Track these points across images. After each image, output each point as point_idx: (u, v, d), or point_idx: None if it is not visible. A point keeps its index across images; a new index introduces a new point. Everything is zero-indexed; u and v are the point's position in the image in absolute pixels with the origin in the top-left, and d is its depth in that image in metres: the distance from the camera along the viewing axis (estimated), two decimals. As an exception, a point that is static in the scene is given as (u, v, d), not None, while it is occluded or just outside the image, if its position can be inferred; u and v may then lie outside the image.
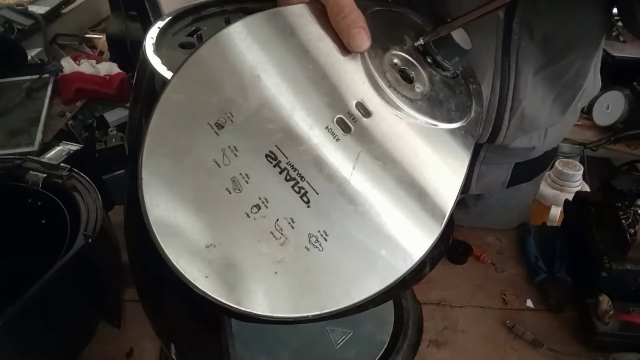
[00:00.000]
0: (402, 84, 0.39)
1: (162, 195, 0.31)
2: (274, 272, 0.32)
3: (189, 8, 0.52)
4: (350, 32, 0.37)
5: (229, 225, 0.32)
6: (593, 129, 1.61)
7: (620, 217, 0.69)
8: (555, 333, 0.67)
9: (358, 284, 0.34)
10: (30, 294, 0.49)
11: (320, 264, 0.33)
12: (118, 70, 1.37)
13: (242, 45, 0.35)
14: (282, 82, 0.35)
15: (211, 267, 0.31)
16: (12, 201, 0.66)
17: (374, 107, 0.37)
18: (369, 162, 0.36)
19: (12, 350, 0.51)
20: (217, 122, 0.33)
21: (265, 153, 0.34)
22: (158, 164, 0.32)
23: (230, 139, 0.33)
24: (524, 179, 0.81)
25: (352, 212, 0.35)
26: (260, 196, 0.33)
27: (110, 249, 0.63)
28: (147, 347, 0.64)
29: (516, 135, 0.69)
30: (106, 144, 1.17)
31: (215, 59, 0.35)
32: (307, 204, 0.34)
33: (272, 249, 0.32)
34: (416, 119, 0.38)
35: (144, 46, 0.44)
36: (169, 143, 0.32)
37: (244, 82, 0.34)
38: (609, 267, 0.66)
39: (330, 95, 0.36)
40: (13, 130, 1.17)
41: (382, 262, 0.35)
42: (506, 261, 0.79)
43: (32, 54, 1.52)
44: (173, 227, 0.31)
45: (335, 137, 0.35)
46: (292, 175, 0.34)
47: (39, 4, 1.71)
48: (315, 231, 0.34)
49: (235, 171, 0.33)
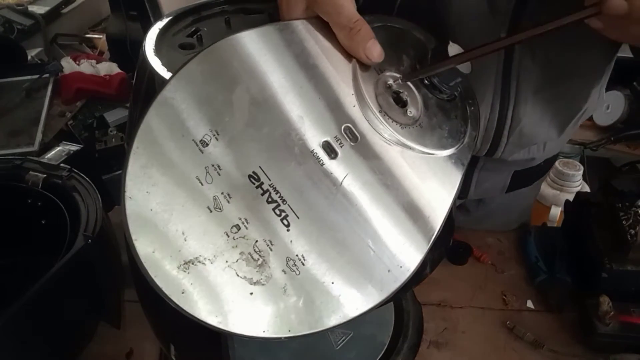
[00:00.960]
0: (394, 108, 0.38)
1: (144, 209, 0.32)
2: (250, 292, 0.33)
3: (189, 8, 0.52)
4: (367, 44, 0.37)
5: (208, 244, 0.32)
6: (593, 129, 1.61)
7: (620, 217, 0.69)
8: (555, 334, 0.67)
9: (330, 309, 0.34)
10: (30, 294, 0.49)
11: (296, 287, 0.33)
12: (118, 70, 1.36)
13: (234, 62, 0.35)
14: (271, 103, 0.35)
15: (188, 284, 0.31)
16: (12, 201, 0.66)
17: (361, 132, 0.37)
18: (353, 187, 0.36)
19: (12, 350, 0.51)
20: (202, 139, 0.33)
21: (249, 173, 0.34)
22: (141, 180, 0.32)
23: (214, 158, 0.33)
24: (524, 184, 0.81)
25: (332, 238, 0.35)
26: (241, 217, 0.33)
27: (110, 249, 0.63)
28: (146, 347, 0.63)
29: (514, 150, 0.69)
30: (106, 144, 1.17)
31: (204, 75, 0.34)
32: (287, 227, 0.34)
33: (250, 270, 0.33)
34: (405, 146, 0.38)
35: (143, 47, 0.44)
36: (153, 159, 0.32)
37: (232, 100, 0.34)
38: (610, 268, 0.65)
39: (319, 118, 0.36)
40: (13, 130, 1.17)
41: (356, 291, 0.35)
42: (506, 262, 0.79)
43: (32, 54, 1.52)
44: (153, 242, 0.31)
45: (320, 162, 0.35)
46: (274, 197, 0.34)
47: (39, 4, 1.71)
48: (294, 255, 0.34)
49: (217, 190, 0.33)
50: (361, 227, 0.36)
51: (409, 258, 0.36)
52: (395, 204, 0.37)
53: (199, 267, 0.32)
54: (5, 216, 0.66)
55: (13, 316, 0.48)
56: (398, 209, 0.37)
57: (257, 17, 0.53)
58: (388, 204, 0.36)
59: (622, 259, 0.66)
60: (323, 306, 0.34)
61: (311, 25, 0.38)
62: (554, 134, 0.70)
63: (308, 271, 0.34)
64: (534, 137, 0.68)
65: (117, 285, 0.66)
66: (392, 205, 0.36)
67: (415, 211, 0.37)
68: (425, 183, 0.38)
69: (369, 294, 0.35)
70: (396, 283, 0.36)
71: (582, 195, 0.78)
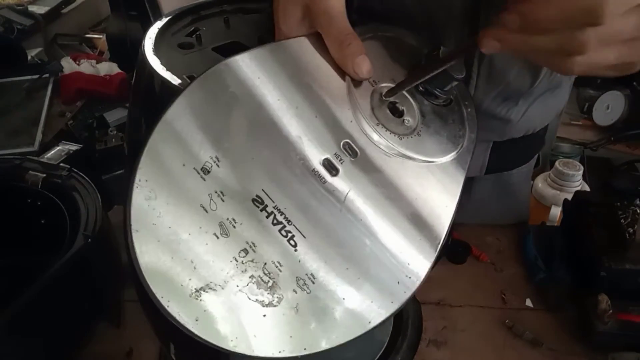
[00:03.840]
0: (391, 119, 0.38)
1: (151, 241, 0.32)
2: (263, 314, 0.33)
3: (188, 8, 0.52)
4: (355, 60, 0.37)
5: (217, 270, 0.33)
6: (593, 129, 1.61)
7: (619, 216, 0.69)
8: (554, 332, 0.67)
9: (344, 324, 0.34)
10: (29, 293, 0.49)
11: (308, 306, 0.34)
12: (118, 70, 1.37)
13: (229, 87, 0.35)
14: (269, 125, 0.35)
15: (201, 311, 0.32)
16: (11, 201, 0.66)
17: (360, 147, 0.37)
18: (357, 203, 0.36)
19: (12, 349, 0.51)
20: (204, 166, 0.33)
21: (252, 197, 0.34)
22: (146, 212, 0.32)
23: (217, 184, 0.33)
24: (505, 166, 0.79)
25: (340, 255, 0.35)
26: (248, 241, 0.33)
27: (109, 249, 0.63)
28: (146, 347, 0.64)
29: (488, 90, 0.66)
30: (106, 144, 1.17)
31: (201, 102, 0.34)
32: (295, 247, 0.34)
33: (261, 293, 0.33)
34: (404, 156, 0.38)
35: (143, 46, 0.45)
36: (156, 189, 0.32)
37: (230, 125, 0.34)
38: (608, 267, 0.66)
39: (318, 137, 0.36)
40: (13, 130, 1.17)
41: (367, 305, 0.35)
42: (505, 261, 0.79)
43: (32, 54, 1.52)
44: (163, 271, 0.32)
45: (322, 180, 0.35)
46: (279, 219, 0.34)
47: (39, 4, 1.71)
48: (303, 274, 0.34)
49: (223, 216, 0.33)
50: (368, 241, 0.36)
51: (418, 267, 0.36)
52: (400, 215, 0.37)
53: (211, 294, 0.32)
54: (4, 216, 0.66)
55: (13, 316, 0.48)
56: (403, 221, 0.37)
57: (256, 16, 0.54)
58: (393, 216, 0.36)
59: (620, 258, 0.66)
60: (337, 322, 0.34)
61: (303, 44, 0.38)
62: (526, 79, 0.67)
63: (319, 289, 0.34)
64: (505, 72, 0.65)
65: (116, 285, 0.66)
66: (397, 217, 0.37)
67: (420, 221, 0.37)
68: (427, 192, 0.38)
69: (381, 306, 0.35)
70: (407, 293, 0.36)
71: (581, 195, 0.78)
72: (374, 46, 0.39)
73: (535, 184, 1.14)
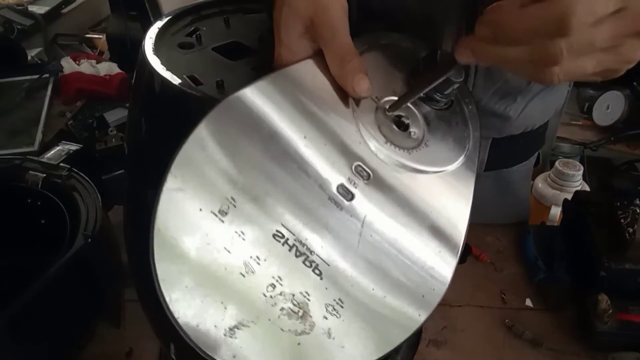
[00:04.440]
0: (398, 134, 0.38)
1: (180, 288, 0.32)
2: (297, 343, 0.34)
3: (188, 8, 0.52)
4: (355, 77, 0.36)
5: (248, 307, 0.33)
6: (593, 129, 1.61)
7: (619, 216, 0.69)
8: (554, 332, 0.67)
9: (375, 342, 0.36)
10: (29, 293, 0.49)
11: (340, 329, 0.35)
12: (118, 70, 1.37)
13: (234, 125, 0.35)
14: (279, 159, 0.35)
15: (237, 349, 0.32)
16: (11, 201, 0.66)
17: (372, 167, 0.37)
18: (375, 224, 0.36)
19: (11, 350, 0.51)
20: (220, 209, 0.33)
21: (273, 232, 0.34)
22: (170, 260, 0.32)
23: (236, 225, 0.34)
24: (505, 163, 0.79)
25: (365, 277, 0.36)
26: (274, 275, 0.34)
27: (109, 249, 0.63)
28: (146, 347, 0.64)
29: (486, 87, 0.66)
30: (106, 144, 1.17)
31: (207, 145, 0.34)
32: (320, 276, 0.35)
33: (293, 323, 0.34)
34: (416, 170, 0.38)
35: (143, 46, 0.45)
36: (177, 239, 0.32)
37: (240, 164, 0.34)
38: (608, 267, 0.66)
39: (329, 164, 0.36)
40: (13, 130, 1.17)
41: (395, 321, 0.36)
42: (505, 261, 0.79)
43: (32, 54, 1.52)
44: (195, 316, 0.32)
45: (339, 207, 0.36)
46: (302, 250, 0.35)
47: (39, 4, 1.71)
48: (331, 300, 0.35)
49: (246, 255, 0.33)
50: (390, 261, 0.36)
51: (441, 278, 0.38)
52: (419, 231, 0.37)
53: (244, 330, 0.33)
54: (4, 216, 0.66)
55: (13, 316, 0.48)
56: (422, 236, 0.37)
57: (256, 16, 0.54)
58: (412, 232, 0.37)
59: (620, 258, 0.66)
60: (368, 341, 0.35)
61: (302, 70, 0.37)
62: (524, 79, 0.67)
63: (348, 312, 0.35)
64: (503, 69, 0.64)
65: (116, 285, 0.66)
66: (415, 233, 0.37)
67: (439, 232, 0.38)
68: (442, 202, 0.38)
69: (409, 320, 0.36)
70: (432, 304, 0.37)
71: (581, 195, 0.78)
72: (372, 59, 0.39)
73: (535, 184, 1.14)
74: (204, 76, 0.42)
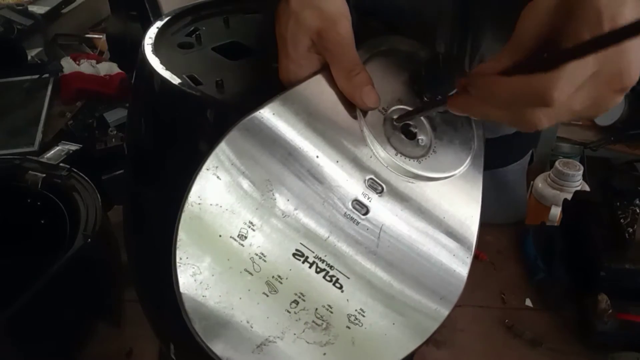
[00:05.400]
0: (407, 144, 0.39)
1: (206, 311, 0.34)
2: (323, 353, 0.36)
3: (188, 8, 0.52)
4: (363, 90, 0.37)
5: (273, 324, 0.35)
6: (593, 129, 1.61)
7: (618, 216, 0.69)
8: (554, 332, 0.67)
9: (397, 346, 0.37)
10: (29, 293, 0.49)
11: (363, 337, 0.37)
12: (118, 70, 1.37)
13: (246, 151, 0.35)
14: (293, 181, 0.35)
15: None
16: (11, 201, 0.66)
17: (385, 180, 0.37)
18: (391, 235, 0.37)
19: (11, 350, 0.51)
20: (240, 233, 0.34)
21: (292, 252, 0.35)
22: (194, 287, 0.33)
23: (256, 247, 0.34)
24: (499, 163, 0.80)
25: (385, 285, 0.37)
26: (296, 292, 0.35)
27: (109, 249, 0.63)
28: (146, 347, 0.64)
29: None
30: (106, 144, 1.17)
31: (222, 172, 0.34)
32: (341, 289, 0.36)
33: (317, 335, 0.36)
34: (427, 178, 0.38)
35: (142, 46, 0.45)
36: (199, 266, 0.34)
37: (255, 188, 0.35)
38: (608, 266, 0.66)
39: (343, 181, 0.36)
40: (13, 130, 1.17)
41: (415, 325, 0.38)
42: (505, 260, 0.79)
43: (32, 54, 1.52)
44: (222, 336, 0.34)
45: (355, 222, 0.36)
46: (321, 266, 0.36)
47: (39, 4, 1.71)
48: (353, 310, 0.36)
49: (268, 275, 0.35)
50: (409, 265, 0.37)
51: (457, 280, 0.39)
52: (434, 235, 0.38)
53: (271, 346, 0.35)
54: (4, 216, 0.66)
55: (13, 316, 0.48)
56: (438, 239, 0.38)
57: (256, 16, 0.54)
58: (427, 238, 0.38)
59: (620, 258, 0.66)
60: (390, 345, 0.37)
61: (309, 90, 0.38)
62: None
63: (370, 321, 0.37)
64: None
65: (116, 285, 0.66)
66: (431, 238, 0.38)
67: (453, 236, 0.39)
68: (454, 206, 0.39)
69: (427, 322, 0.38)
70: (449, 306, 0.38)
71: (581, 194, 0.78)
72: (374, 69, 0.39)
73: (535, 184, 1.14)
74: (203, 76, 0.42)
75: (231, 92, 0.41)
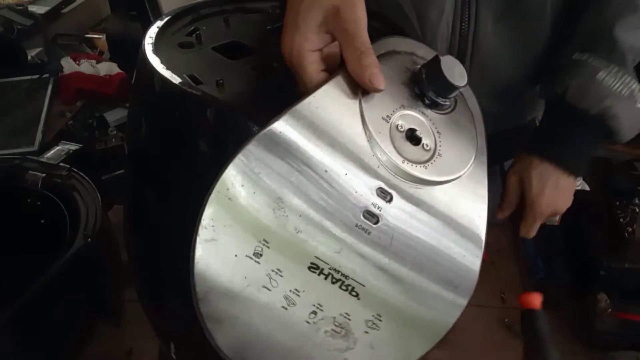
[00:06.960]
0: (413, 150, 0.39)
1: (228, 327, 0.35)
2: (344, 358, 0.38)
3: (188, 8, 0.52)
4: (372, 70, 0.37)
5: (294, 335, 0.36)
6: (593, 129, 1.61)
7: (618, 215, 0.69)
8: (554, 332, 0.67)
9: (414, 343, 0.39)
10: (29, 293, 0.49)
11: (381, 340, 0.38)
12: (118, 70, 1.37)
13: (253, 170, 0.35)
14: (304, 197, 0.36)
15: None
16: (11, 201, 0.66)
17: (394, 188, 0.38)
18: (403, 242, 0.38)
19: (11, 349, 0.51)
20: (255, 252, 0.35)
21: (307, 266, 0.36)
22: (215, 306, 0.35)
23: (272, 264, 0.35)
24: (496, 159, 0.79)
25: (399, 289, 0.38)
26: (314, 303, 0.36)
27: (109, 249, 0.63)
28: (146, 346, 0.64)
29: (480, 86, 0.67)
30: (106, 144, 1.17)
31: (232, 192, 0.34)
32: (357, 297, 0.37)
33: (337, 342, 0.37)
34: (434, 183, 0.39)
35: (143, 45, 0.45)
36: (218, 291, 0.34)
37: (267, 206, 0.35)
38: (607, 266, 0.66)
39: (352, 193, 0.37)
40: (13, 130, 1.17)
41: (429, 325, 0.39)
42: (505, 260, 0.79)
43: (32, 54, 1.52)
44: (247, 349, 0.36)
45: (367, 232, 0.37)
46: (337, 277, 0.37)
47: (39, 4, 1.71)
48: (370, 316, 0.38)
49: (286, 289, 0.36)
50: (421, 273, 0.38)
51: (467, 281, 0.40)
52: (445, 236, 0.39)
53: (295, 355, 0.37)
54: (4, 216, 0.66)
55: (13, 316, 0.48)
56: (448, 239, 0.39)
57: (256, 16, 0.54)
58: (438, 239, 0.39)
59: (619, 257, 0.66)
60: (407, 344, 0.39)
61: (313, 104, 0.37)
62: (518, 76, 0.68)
63: (386, 324, 0.38)
64: (497, 70, 0.67)
65: (116, 284, 0.66)
66: (442, 238, 0.39)
67: (463, 233, 0.39)
68: (463, 206, 0.40)
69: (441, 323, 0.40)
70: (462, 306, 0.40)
71: (580, 194, 0.78)
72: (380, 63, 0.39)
73: (535, 183, 1.13)
74: (203, 75, 0.42)
75: (231, 91, 0.41)
